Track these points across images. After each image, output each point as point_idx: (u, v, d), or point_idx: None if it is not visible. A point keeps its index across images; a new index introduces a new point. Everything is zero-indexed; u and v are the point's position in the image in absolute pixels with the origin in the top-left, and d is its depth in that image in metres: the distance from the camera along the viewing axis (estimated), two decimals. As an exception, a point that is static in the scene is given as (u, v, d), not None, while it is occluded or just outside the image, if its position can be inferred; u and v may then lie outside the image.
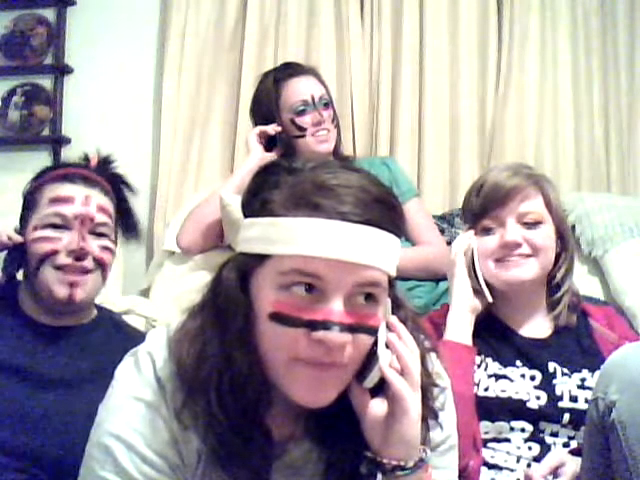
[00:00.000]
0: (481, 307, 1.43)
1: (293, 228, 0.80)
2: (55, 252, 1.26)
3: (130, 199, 1.44)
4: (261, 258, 0.82)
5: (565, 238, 1.46)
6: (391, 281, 0.87)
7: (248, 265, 0.84)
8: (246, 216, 0.87)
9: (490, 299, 1.42)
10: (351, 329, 0.80)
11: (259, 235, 0.82)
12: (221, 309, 0.84)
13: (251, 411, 0.84)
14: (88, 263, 1.28)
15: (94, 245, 1.30)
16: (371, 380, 0.85)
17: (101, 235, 1.31)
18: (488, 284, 1.42)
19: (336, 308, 0.79)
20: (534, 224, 1.41)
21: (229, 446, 0.83)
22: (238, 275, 0.84)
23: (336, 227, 0.79)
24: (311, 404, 0.83)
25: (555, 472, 1.23)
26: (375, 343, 0.85)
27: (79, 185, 1.31)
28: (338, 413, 0.86)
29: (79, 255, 1.27)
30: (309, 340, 0.79)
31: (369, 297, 0.83)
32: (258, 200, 0.85)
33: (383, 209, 0.82)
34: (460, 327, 1.39)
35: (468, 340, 1.39)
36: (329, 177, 0.81)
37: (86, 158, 1.41)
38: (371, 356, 0.85)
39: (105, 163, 1.42)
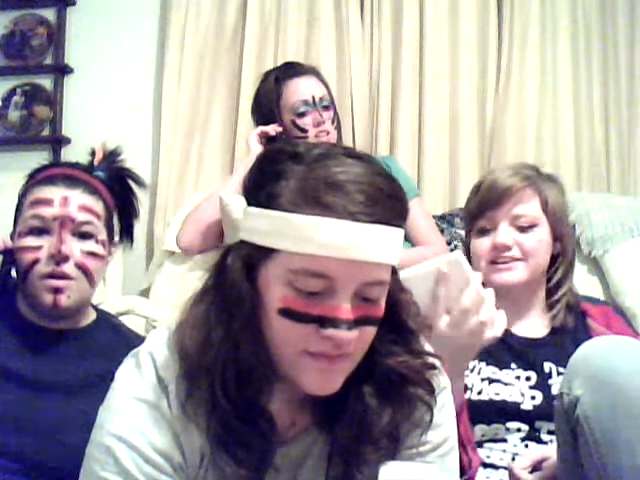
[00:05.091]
0: None
1: (304, 227, 0.79)
2: (37, 261, 1.24)
3: (136, 196, 1.41)
4: (269, 251, 0.82)
5: (563, 240, 1.45)
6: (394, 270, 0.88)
7: (255, 256, 0.83)
8: (250, 204, 0.85)
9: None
10: (358, 323, 0.81)
11: (268, 228, 0.82)
12: (227, 297, 0.84)
13: (254, 398, 0.85)
14: (69, 270, 1.24)
15: (76, 249, 1.25)
16: None
17: (86, 236, 1.27)
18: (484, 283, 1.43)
19: (344, 306, 0.80)
20: (527, 227, 1.41)
21: (233, 430, 0.84)
22: (244, 264, 0.84)
23: (347, 227, 0.79)
24: (320, 392, 0.85)
25: (539, 465, 1.22)
26: None
27: (59, 187, 1.27)
28: (342, 402, 0.87)
29: (59, 259, 1.23)
30: (318, 336, 0.81)
31: (375, 292, 0.83)
32: (264, 192, 0.83)
33: (392, 204, 0.82)
34: None
35: None
36: (338, 171, 0.80)
37: (92, 153, 1.39)
38: None
39: (111, 156, 1.40)
